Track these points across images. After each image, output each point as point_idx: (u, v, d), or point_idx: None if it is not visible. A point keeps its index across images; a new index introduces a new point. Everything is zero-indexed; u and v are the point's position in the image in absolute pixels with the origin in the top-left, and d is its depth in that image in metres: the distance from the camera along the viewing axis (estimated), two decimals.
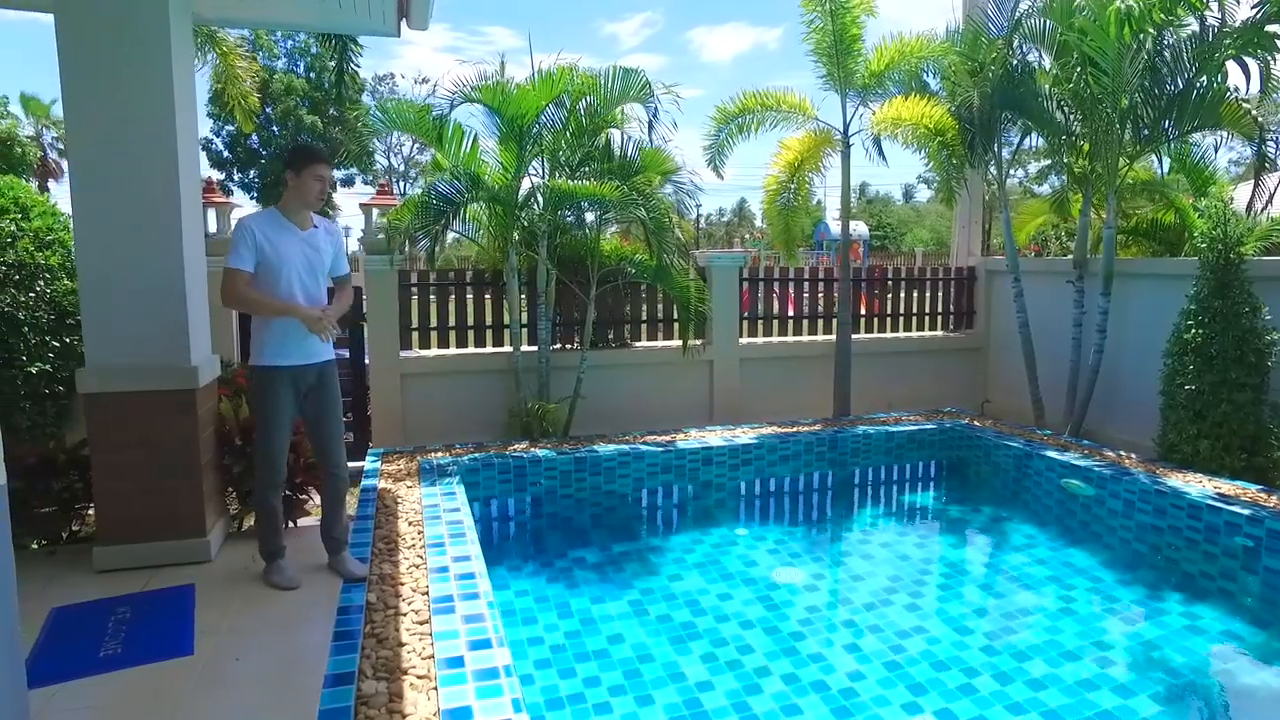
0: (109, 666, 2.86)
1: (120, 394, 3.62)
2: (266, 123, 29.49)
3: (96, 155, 3.61)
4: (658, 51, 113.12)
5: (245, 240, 3.39)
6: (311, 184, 3.47)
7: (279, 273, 3.44)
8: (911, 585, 4.12)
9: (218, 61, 6.11)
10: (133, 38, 3.59)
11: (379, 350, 6.16)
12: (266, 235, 3.44)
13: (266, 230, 3.45)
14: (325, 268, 3.62)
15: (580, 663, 3.58)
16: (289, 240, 3.48)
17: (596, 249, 6.24)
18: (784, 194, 6.75)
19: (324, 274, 3.63)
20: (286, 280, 3.46)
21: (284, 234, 3.49)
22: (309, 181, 3.46)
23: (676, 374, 6.94)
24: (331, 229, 3.72)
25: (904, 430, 5.97)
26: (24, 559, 3.87)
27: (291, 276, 3.47)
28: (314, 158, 3.49)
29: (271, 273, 3.43)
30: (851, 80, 6.44)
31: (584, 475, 5.35)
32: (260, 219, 3.52)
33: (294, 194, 3.51)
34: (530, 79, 5.66)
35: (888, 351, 7.73)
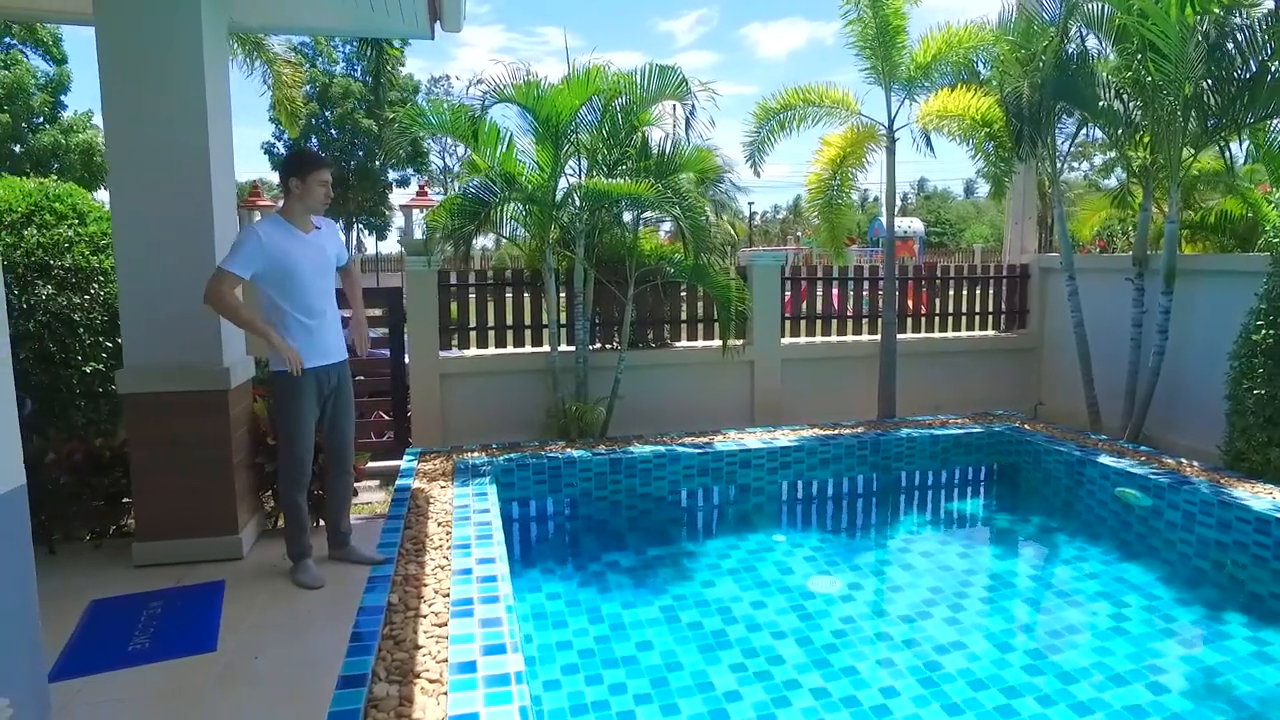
0: (136, 661, 2.93)
1: (156, 394, 3.71)
2: (325, 126, 30.23)
3: (133, 162, 3.71)
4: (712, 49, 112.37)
5: (250, 247, 3.42)
6: (317, 189, 3.52)
7: (291, 277, 3.49)
8: (952, 598, 3.93)
9: (266, 68, 6.25)
10: (167, 48, 3.67)
11: (418, 350, 6.20)
12: (276, 243, 3.48)
13: (276, 237, 3.49)
14: (332, 266, 3.69)
15: (608, 669, 3.51)
16: (297, 245, 3.53)
17: (635, 248, 6.17)
18: (827, 191, 6.56)
19: (331, 272, 3.70)
20: (301, 284, 3.52)
21: (292, 240, 3.54)
22: (315, 187, 3.51)
23: (716, 374, 6.82)
24: (329, 227, 3.80)
25: (950, 434, 5.75)
26: (72, 551, 4.01)
27: (305, 280, 3.53)
28: (318, 164, 3.55)
29: (284, 277, 3.48)
30: (896, 73, 6.21)
31: (619, 477, 5.28)
32: (268, 226, 3.54)
33: (299, 200, 3.55)
34: (565, 78, 5.61)
35: (935, 352, 7.48)
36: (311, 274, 3.57)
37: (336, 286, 3.87)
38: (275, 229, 3.54)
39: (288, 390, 3.55)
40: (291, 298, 3.51)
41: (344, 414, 3.76)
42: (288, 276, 3.49)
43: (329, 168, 3.61)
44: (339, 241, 3.85)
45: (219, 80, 3.91)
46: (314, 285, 3.57)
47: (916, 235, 25.99)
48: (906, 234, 25.45)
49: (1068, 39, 6.11)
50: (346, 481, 3.85)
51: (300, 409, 3.57)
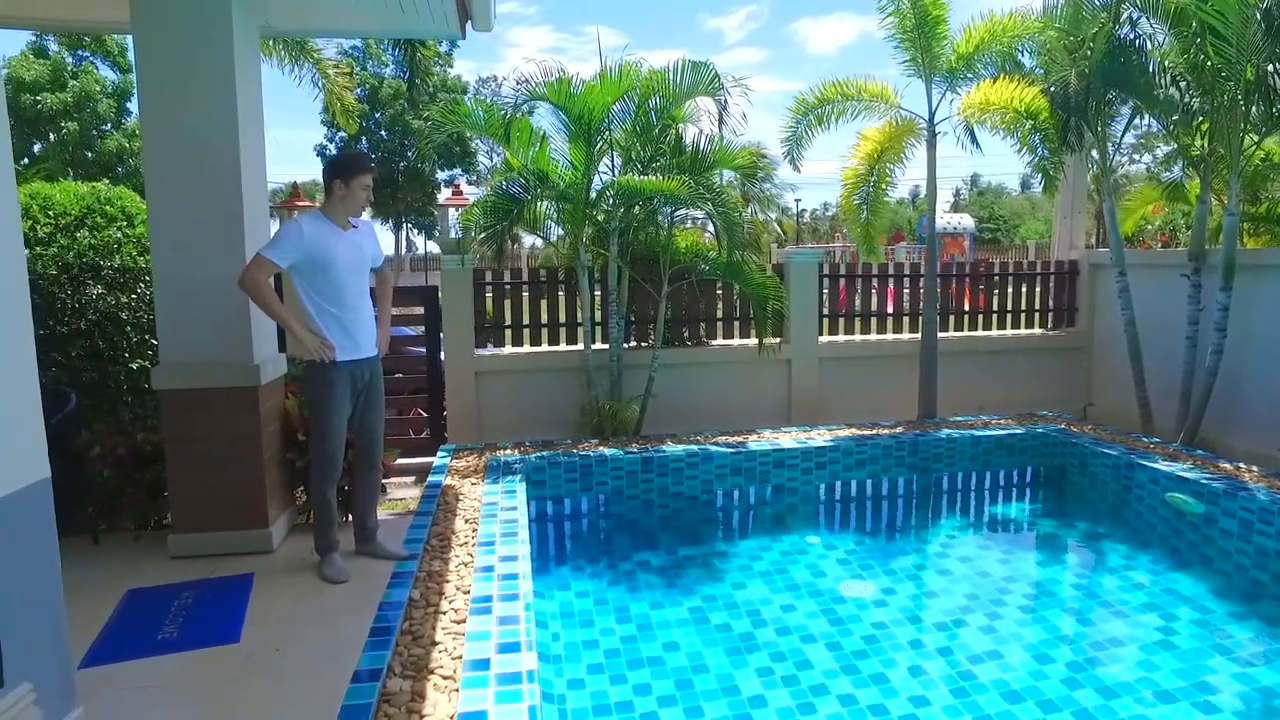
0: (163, 649, 3.00)
1: (189, 390, 3.80)
2: (375, 127, 30.71)
3: (168, 165, 3.80)
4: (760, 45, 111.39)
5: (292, 239, 3.50)
6: (359, 193, 3.61)
7: (329, 271, 3.56)
8: (989, 605, 3.78)
9: (314, 70, 6.36)
10: (199, 56, 3.75)
11: (454, 348, 6.23)
12: (316, 236, 3.56)
13: (317, 232, 3.57)
14: (367, 264, 3.75)
15: (633, 669, 3.46)
16: (336, 241, 3.60)
17: (668, 246, 6.10)
18: (863, 187, 6.39)
19: (366, 270, 3.75)
20: (336, 278, 3.59)
21: (332, 236, 3.61)
22: (357, 191, 3.60)
23: (752, 373, 6.72)
24: (366, 227, 3.87)
25: (991, 435, 5.55)
26: (115, 541, 4.13)
27: (341, 274, 3.59)
28: (362, 168, 3.63)
29: (321, 271, 3.55)
30: (936, 65, 6.02)
31: (650, 476, 5.23)
32: (309, 220, 3.63)
33: (341, 201, 3.63)
34: (595, 76, 5.57)
35: (979, 350, 7.24)
36: (347, 269, 3.63)
37: (371, 286, 3.92)
38: (316, 224, 3.62)
39: (320, 384, 3.60)
40: (326, 292, 3.58)
41: (374, 410, 3.80)
42: (324, 270, 3.55)
43: (372, 172, 3.67)
44: (375, 242, 3.90)
45: (250, 85, 3.98)
46: (349, 281, 3.64)
47: (967, 231, 25.30)
48: (956, 230, 24.82)
49: (1119, 24, 5.84)
50: (374, 477, 3.88)
51: (332, 404, 3.61)
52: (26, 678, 2.16)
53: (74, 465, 4.02)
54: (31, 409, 2.28)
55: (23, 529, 2.21)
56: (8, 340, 2.20)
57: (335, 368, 3.60)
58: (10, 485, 2.15)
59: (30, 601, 2.24)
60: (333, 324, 3.61)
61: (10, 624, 2.13)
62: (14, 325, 2.24)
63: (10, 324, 2.23)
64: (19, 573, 2.19)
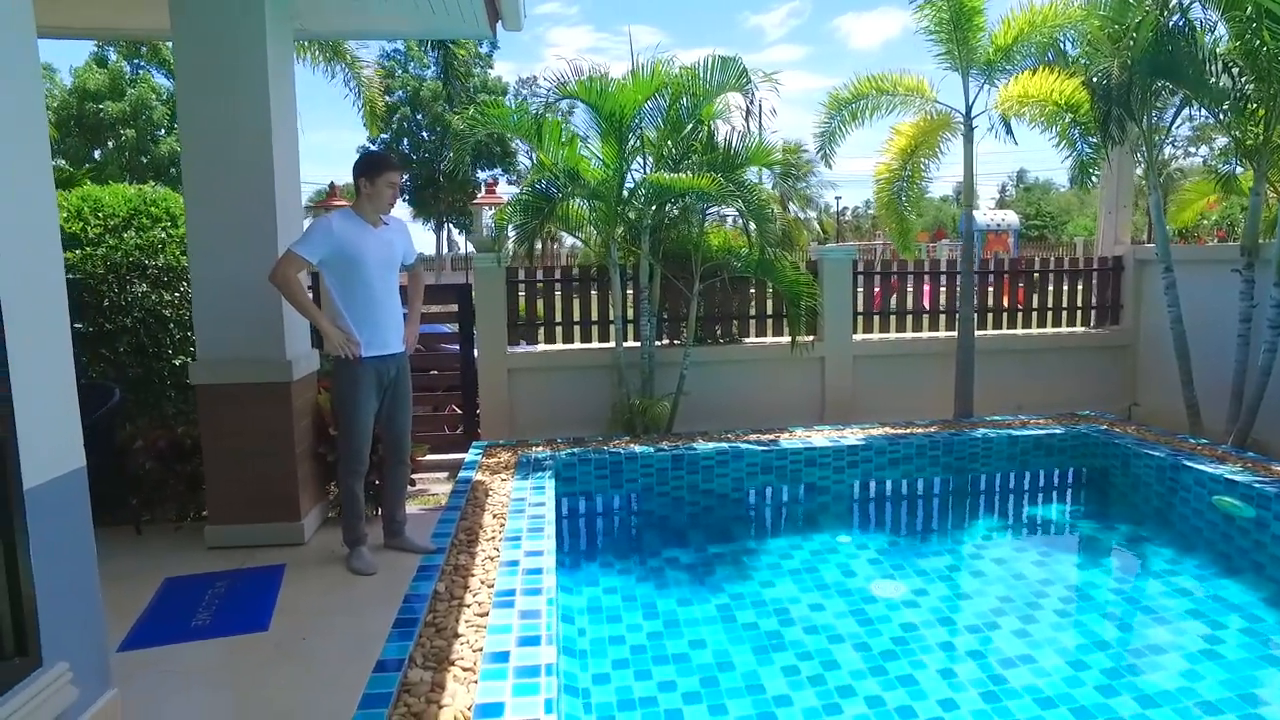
0: (195, 636, 3.09)
1: (225, 385, 3.89)
2: (416, 128, 31.16)
3: (204, 167, 3.90)
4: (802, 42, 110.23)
5: (321, 234, 3.57)
6: (385, 190, 3.64)
7: (357, 267, 3.61)
8: (1023, 608, 3.67)
9: (347, 70, 6.46)
10: (234, 63, 3.84)
11: (487, 345, 6.27)
12: (345, 232, 3.61)
13: (346, 228, 3.62)
14: (397, 261, 3.78)
15: (658, 665, 3.44)
16: (366, 238, 3.65)
17: (700, 243, 6.06)
18: (896, 183, 6.26)
19: (396, 267, 3.78)
20: (364, 274, 3.63)
21: (361, 232, 3.66)
22: (383, 189, 3.64)
23: (785, 371, 6.64)
24: (399, 225, 3.90)
25: (1029, 435, 5.40)
26: (156, 532, 4.25)
27: (369, 271, 3.64)
28: (387, 166, 3.67)
29: (351, 266, 3.60)
30: (974, 57, 5.87)
31: (681, 473, 5.20)
32: (339, 217, 3.69)
33: (368, 199, 3.68)
34: (626, 74, 5.56)
35: (1018, 349, 7.05)
36: (375, 265, 3.67)
37: (401, 284, 3.96)
38: (346, 220, 3.68)
39: (347, 379, 3.65)
40: (354, 288, 3.63)
41: (401, 406, 3.83)
42: (353, 266, 3.60)
43: (396, 170, 3.70)
44: (408, 240, 3.93)
45: (283, 90, 4.06)
46: (377, 277, 3.68)
47: (1011, 228, 24.67)
48: (1000, 227, 24.24)
49: (1168, 10, 5.62)
50: (402, 472, 3.92)
51: (358, 398, 3.66)
52: (63, 658, 2.23)
53: (118, 458, 4.14)
54: (68, 402, 2.35)
55: (60, 516, 2.28)
56: (46, 339, 2.28)
57: (361, 364, 3.64)
58: (47, 474, 2.21)
59: (67, 586, 2.31)
60: (360, 319, 3.65)
61: (48, 607, 2.19)
62: (52, 325, 2.32)
63: (48, 324, 2.30)
64: (56, 558, 2.26)
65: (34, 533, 2.14)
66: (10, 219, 2.12)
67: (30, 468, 2.13)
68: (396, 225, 3.90)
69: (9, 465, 2.07)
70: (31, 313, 2.18)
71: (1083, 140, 5.55)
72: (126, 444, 4.14)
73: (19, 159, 2.19)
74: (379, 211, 3.71)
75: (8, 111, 2.15)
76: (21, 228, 2.17)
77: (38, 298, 2.24)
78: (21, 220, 2.18)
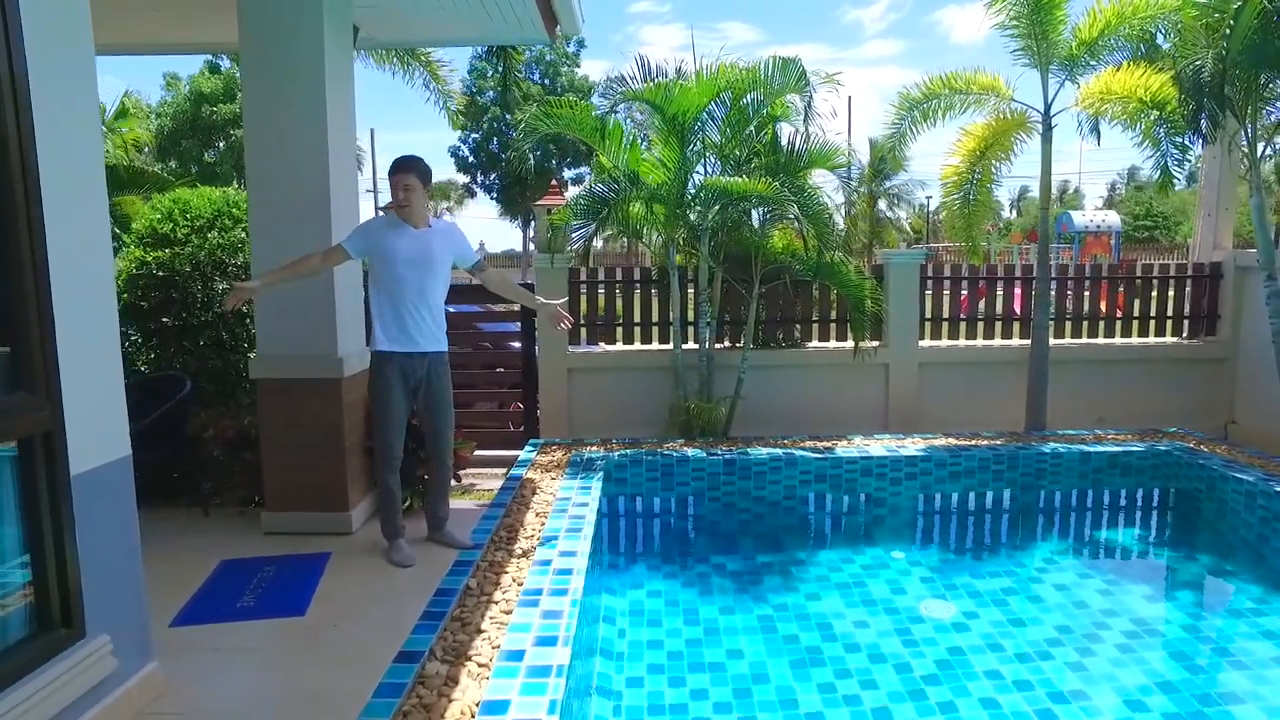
0: (239, 616, 3.23)
1: (281, 380, 4.05)
2: (505, 128, 31.76)
3: (266, 172, 4.05)
4: (901, 36, 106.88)
5: (360, 232, 3.90)
6: (396, 192, 3.76)
7: (387, 264, 3.77)
8: (1082, 640, 3.40)
9: (424, 72, 6.62)
10: (293, 72, 3.98)
11: (548, 345, 6.31)
12: (377, 233, 3.84)
13: (383, 228, 3.85)
14: (437, 262, 3.83)
15: (693, 673, 3.37)
16: (399, 238, 3.78)
17: (761, 246, 5.93)
18: (965, 186, 5.93)
19: (437, 267, 3.83)
20: (394, 272, 3.77)
21: (397, 232, 3.80)
22: (394, 189, 3.77)
23: (847, 377, 6.42)
24: (446, 229, 3.98)
25: (1103, 451, 5.02)
26: (221, 516, 4.46)
27: (398, 269, 3.76)
28: (396, 169, 3.80)
29: (381, 263, 3.79)
30: (1055, 52, 5.50)
31: (732, 479, 5.09)
32: (385, 218, 3.92)
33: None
34: (691, 76, 5.47)
35: (1100, 359, 6.60)
36: (405, 264, 3.75)
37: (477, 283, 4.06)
38: (385, 221, 3.89)
39: (376, 374, 3.79)
40: (386, 283, 3.78)
41: (436, 405, 3.88)
42: (383, 263, 3.77)
43: (402, 172, 3.77)
44: (455, 244, 3.93)
45: (340, 100, 4.16)
46: (407, 276, 3.75)
47: (1113, 230, 23.18)
48: (1100, 228, 22.85)
49: None
50: (442, 470, 3.97)
51: (385, 392, 3.76)
52: (105, 631, 2.36)
53: (192, 445, 4.36)
54: (114, 397, 2.49)
55: (106, 499, 2.42)
56: (95, 341, 2.41)
57: (387, 358, 3.75)
58: (93, 461, 2.34)
59: (111, 565, 2.44)
60: (388, 313, 3.79)
61: (92, 584, 2.33)
62: (102, 324, 2.45)
63: (98, 327, 2.43)
64: (101, 539, 2.39)
65: (80, 515, 2.28)
66: (63, 230, 2.24)
67: (77, 456, 2.26)
68: (444, 229, 3.94)
69: (57, 454, 2.20)
70: (82, 318, 2.33)
71: (1168, 139, 5.12)
72: (199, 432, 4.36)
73: (73, 175, 2.31)
74: (400, 210, 3.80)
75: (67, 132, 2.28)
76: (73, 237, 2.29)
77: (88, 304, 2.38)
78: (73, 230, 2.30)
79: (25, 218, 2.10)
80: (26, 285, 2.12)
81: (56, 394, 2.20)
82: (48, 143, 2.15)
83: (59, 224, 2.21)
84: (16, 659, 2.10)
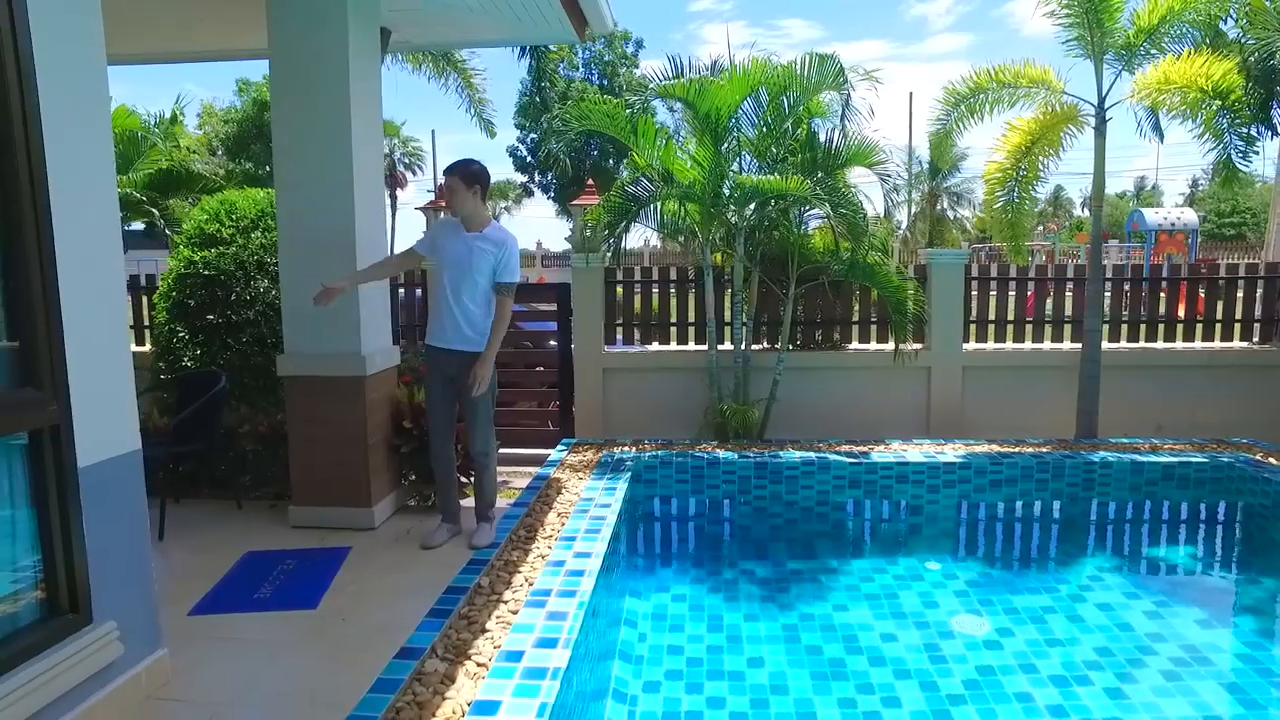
0: (255, 607, 3.26)
1: (307, 378, 4.08)
2: (564, 127, 31.88)
3: (293, 173, 4.09)
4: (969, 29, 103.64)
5: (426, 232, 4.21)
6: (442, 195, 4.00)
7: (439, 263, 3.91)
8: (1124, 665, 3.15)
9: (458, 78, 6.65)
10: (315, 73, 4.01)
11: (582, 344, 6.25)
12: (437, 233, 4.00)
13: (440, 229, 4.01)
14: (477, 269, 3.80)
15: (711, 680, 3.27)
16: (449, 239, 3.89)
17: (796, 246, 5.74)
18: (1009, 183, 5.61)
19: (478, 274, 3.81)
20: (441, 271, 3.89)
21: (450, 234, 3.91)
22: (442, 193, 3.98)
23: (888, 380, 6.18)
24: (496, 238, 3.88)
25: (1157, 461, 4.69)
26: (254, 509, 4.52)
27: (444, 268, 3.88)
28: (445, 171, 3.90)
29: (435, 261, 3.96)
30: (1111, 40, 5.17)
31: (763, 482, 4.94)
32: (444, 222, 4.12)
33: None
34: (724, 73, 5.33)
35: (1158, 364, 6.18)
36: (447, 265, 3.85)
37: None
38: (446, 222, 4.04)
39: (425, 365, 4.00)
40: (436, 280, 3.97)
41: (467, 406, 3.90)
42: (437, 262, 3.94)
43: (451, 173, 3.84)
44: (498, 256, 3.83)
45: (365, 107, 4.17)
46: (446, 275, 3.84)
47: (1188, 228, 21.91)
48: (1174, 226, 21.66)
49: None
50: (475, 468, 4.01)
51: (427, 383, 3.97)
52: (112, 618, 2.40)
53: (228, 439, 4.44)
54: (123, 394, 2.53)
55: (114, 492, 2.45)
56: (104, 337, 2.44)
57: (428, 351, 3.92)
58: (100, 455, 2.37)
59: (119, 555, 2.48)
60: (431, 309, 3.98)
61: (99, 573, 2.37)
62: (110, 324, 2.49)
63: (106, 323, 2.47)
64: (111, 530, 2.43)
65: (87, 507, 2.32)
66: (71, 235, 2.27)
67: (84, 449, 2.30)
68: (496, 237, 3.85)
69: (63, 448, 2.23)
70: (90, 318, 2.36)
71: (1232, 131, 4.74)
72: (235, 427, 4.43)
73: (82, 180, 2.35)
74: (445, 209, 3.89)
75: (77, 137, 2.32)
76: (82, 241, 2.33)
77: (96, 304, 2.41)
78: (82, 234, 2.33)
79: (34, 223, 2.14)
80: (34, 286, 2.15)
81: (64, 390, 2.23)
82: (57, 149, 2.19)
83: (67, 228, 2.24)
84: (25, 640, 2.16)
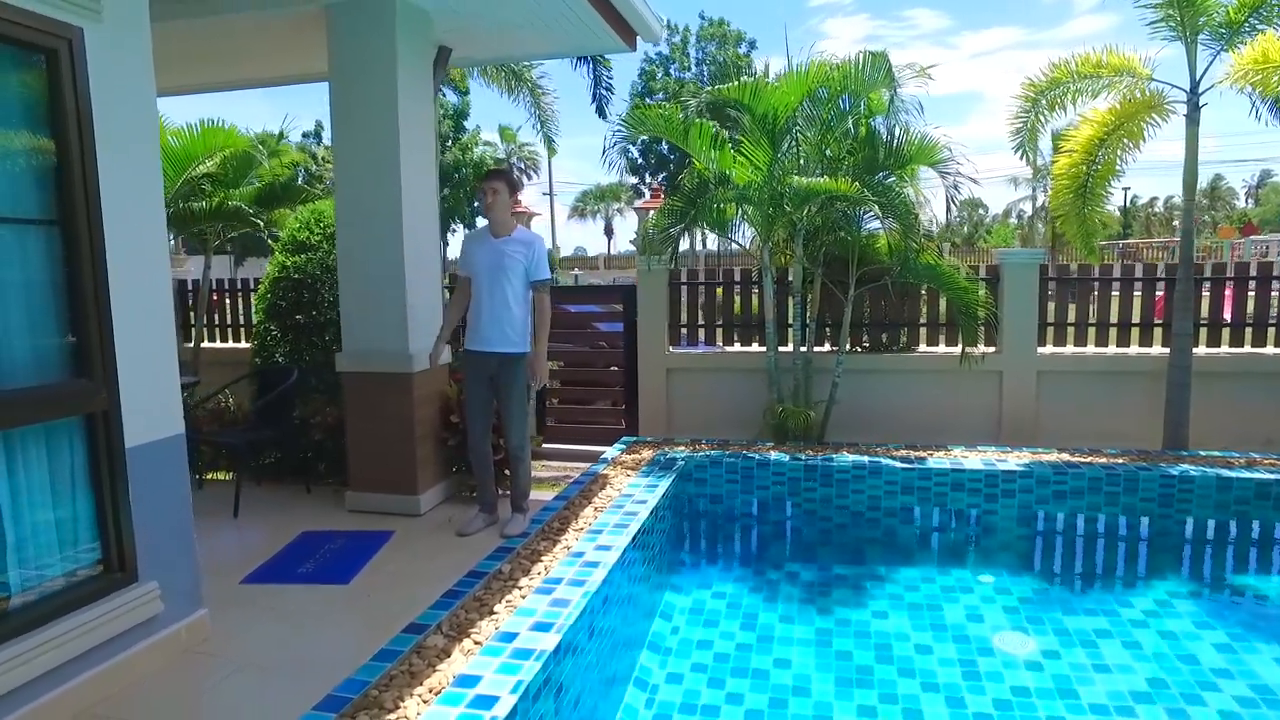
0: (297, 580, 3.45)
1: (361, 374, 4.28)
2: (623, 134, 31.78)
3: (349, 189, 4.27)
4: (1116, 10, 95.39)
5: (460, 248, 4.17)
6: (484, 195, 3.91)
7: (473, 271, 3.95)
8: (1178, 700, 2.81)
9: (528, 94, 6.75)
10: (371, 95, 4.17)
11: (646, 345, 6.23)
12: (466, 247, 4.05)
13: (468, 243, 4.07)
14: (510, 271, 3.89)
15: (734, 677, 3.20)
16: (479, 247, 3.96)
17: (861, 247, 5.49)
18: (1081, 179, 5.10)
19: (511, 275, 3.90)
20: (477, 278, 3.94)
21: (480, 242, 3.98)
22: (485, 194, 3.92)
23: (955, 384, 5.81)
24: (525, 239, 4.00)
25: (1247, 477, 4.16)
26: (321, 493, 4.75)
27: (479, 275, 3.93)
28: (485, 176, 4.00)
29: (470, 271, 3.97)
30: (1209, 18, 4.63)
31: (814, 485, 4.75)
32: (469, 235, 4.20)
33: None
34: (780, 75, 5.17)
35: (1266, 371, 5.51)
36: (481, 270, 3.90)
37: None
38: (471, 236, 4.14)
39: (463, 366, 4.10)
40: (472, 288, 3.96)
41: (505, 404, 3.97)
42: (471, 271, 3.96)
43: (495, 178, 3.92)
44: (531, 254, 3.94)
45: (414, 127, 4.29)
46: (481, 281, 3.89)
47: None
48: None
49: None
50: (510, 461, 4.07)
51: (466, 383, 4.04)
52: (155, 579, 2.64)
53: (300, 428, 4.72)
54: (168, 385, 2.74)
55: (160, 470, 2.67)
56: (150, 336, 2.65)
57: (467, 354, 4.00)
58: (146, 437, 2.60)
59: (164, 525, 2.70)
60: (470, 314, 4.00)
61: (145, 539, 2.60)
62: (157, 325, 2.69)
63: (153, 324, 2.67)
64: (156, 503, 2.66)
65: (134, 482, 2.55)
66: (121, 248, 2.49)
67: (132, 432, 2.52)
68: (524, 239, 3.96)
69: (113, 431, 2.45)
70: (138, 320, 2.57)
71: None
72: (308, 418, 4.69)
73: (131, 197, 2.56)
74: (485, 215, 3.96)
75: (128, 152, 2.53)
76: (131, 253, 2.54)
77: (143, 308, 2.61)
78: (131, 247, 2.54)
79: (88, 239, 2.38)
80: (87, 292, 2.40)
81: (113, 381, 2.46)
82: (109, 168, 2.43)
83: (118, 242, 2.47)
84: (80, 591, 2.44)
